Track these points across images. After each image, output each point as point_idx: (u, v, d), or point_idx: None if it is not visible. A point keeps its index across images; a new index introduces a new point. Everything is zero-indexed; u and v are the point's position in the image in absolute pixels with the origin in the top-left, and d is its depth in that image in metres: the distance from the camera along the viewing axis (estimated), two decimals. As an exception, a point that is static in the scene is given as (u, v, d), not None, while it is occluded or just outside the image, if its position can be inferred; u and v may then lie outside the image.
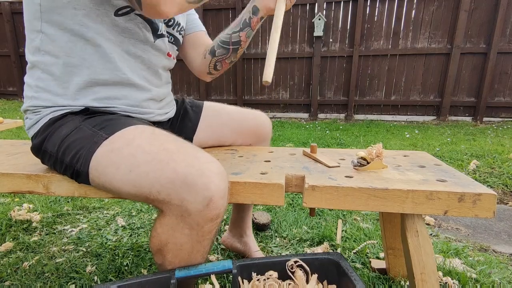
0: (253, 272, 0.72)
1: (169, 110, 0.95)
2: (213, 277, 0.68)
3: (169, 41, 0.88)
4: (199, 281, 0.93)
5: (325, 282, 0.73)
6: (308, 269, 0.72)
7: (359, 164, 0.79)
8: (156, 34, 0.81)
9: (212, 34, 5.00)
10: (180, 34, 0.92)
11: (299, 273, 0.70)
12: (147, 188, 0.60)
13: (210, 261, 1.16)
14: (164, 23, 0.86)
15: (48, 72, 0.73)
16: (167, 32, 0.87)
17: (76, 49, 0.72)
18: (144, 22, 0.77)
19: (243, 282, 0.70)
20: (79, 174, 0.68)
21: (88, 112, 0.75)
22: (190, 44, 1.00)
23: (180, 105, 1.02)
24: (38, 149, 0.75)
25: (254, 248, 1.17)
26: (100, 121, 0.71)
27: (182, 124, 0.99)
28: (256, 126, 1.03)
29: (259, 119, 1.04)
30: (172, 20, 0.88)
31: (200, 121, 1.00)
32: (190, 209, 0.58)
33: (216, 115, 1.01)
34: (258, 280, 0.70)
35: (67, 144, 0.69)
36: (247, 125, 1.03)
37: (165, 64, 0.88)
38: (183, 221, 0.60)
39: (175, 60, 0.94)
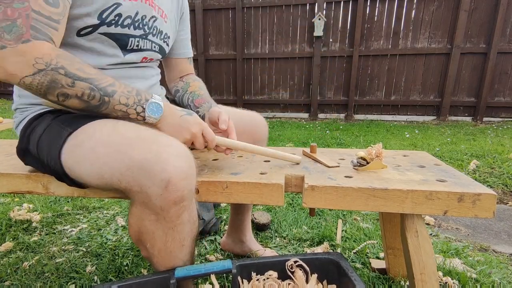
0: (252, 272, 0.72)
1: None
2: (213, 277, 0.68)
3: (153, 50, 0.87)
4: (199, 281, 0.93)
5: (325, 282, 0.73)
6: (308, 269, 0.72)
7: (359, 164, 0.79)
8: (126, 49, 0.80)
9: (212, 34, 5.02)
10: (165, 42, 0.90)
11: (299, 273, 0.70)
12: (109, 179, 0.62)
13: (210, 261, 1.17)
14: (150, 32, 0.84)
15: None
16: (152, 41, 0.85)
17: None
18: (109, 40, 0.76)
19: (242, 282, 0.70)
20: (58, 174, 0.70)
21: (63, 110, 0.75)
22: (172, 66, 1.05)
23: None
24: (22, 150, 0.76)
25: (258, 249, 1.17)
26: (69, 117, 0.71)
27: None
28: (252, 127, 1.02)
29: (255, 119, 1.04)
30: (156, 29, 0.86)
31: None
32: (150, 193, 0.59)
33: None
34: (257, 280, 0.70)
35: (41, 144, 0.70)
36: (243, 126, 1.02)
37: (138, 73, 0.87)
38: (147, 207, 0.61)
39: (156, 62, 0.95)
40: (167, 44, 0.92)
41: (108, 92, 0.65)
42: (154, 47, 0.87)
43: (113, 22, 0.74)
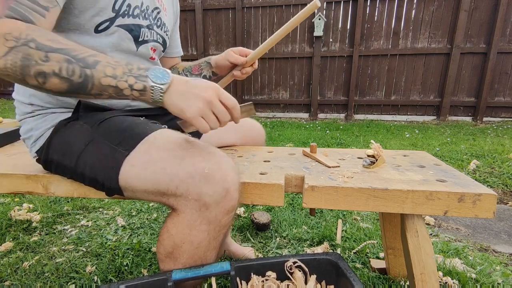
0: (251, 273, 0.71)
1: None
2: (213, 280, 0.67)
3: (157, 42, 0.87)
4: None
5: (323, 283, 0.73)
6: (306, 269, 0.71)
7: (371, 162, 0.80)
8: (138, 41, 0.80)
9: (212, 34, 5.02)
10: (166, 35, 0.91)
11: (298, 274, 0.70)
12: (164, 184, 0.60)
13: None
14: (155, 24, 0.84)
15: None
16: (157, 32, 0.86)
17: None
18: (126, 32, 0.75)
19: (241, 283, 0.70)
20: (111, 190, 0.67)
21: (85, 111, 0.74)
22: (167, 66, 1.06)
23: None
24: (45, 160, 0.74)
25: (241, 250, 1.17)
26: (112, 132, 0.68)
27: None
28: (251, 132, 1.05)
29: (254, 127, 1.07)
30: (160, 21, 0.86)
31: None
32: (209, 202, 0.59)
33: None
34: (256, 281, 0.70)
35: (86, 160, 0.67)
36: (243, 132, 1.05)
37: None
38: (201, 216, 0.60)
39: (158, 62, 0.95)
40: (168, 37, 0.93)
41: (88, 63, 0.54)
42: (158, 38, 0.87)
43: (126, 12, 0.74)
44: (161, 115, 0.93)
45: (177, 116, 0.60)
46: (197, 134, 0.98)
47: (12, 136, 1.11)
